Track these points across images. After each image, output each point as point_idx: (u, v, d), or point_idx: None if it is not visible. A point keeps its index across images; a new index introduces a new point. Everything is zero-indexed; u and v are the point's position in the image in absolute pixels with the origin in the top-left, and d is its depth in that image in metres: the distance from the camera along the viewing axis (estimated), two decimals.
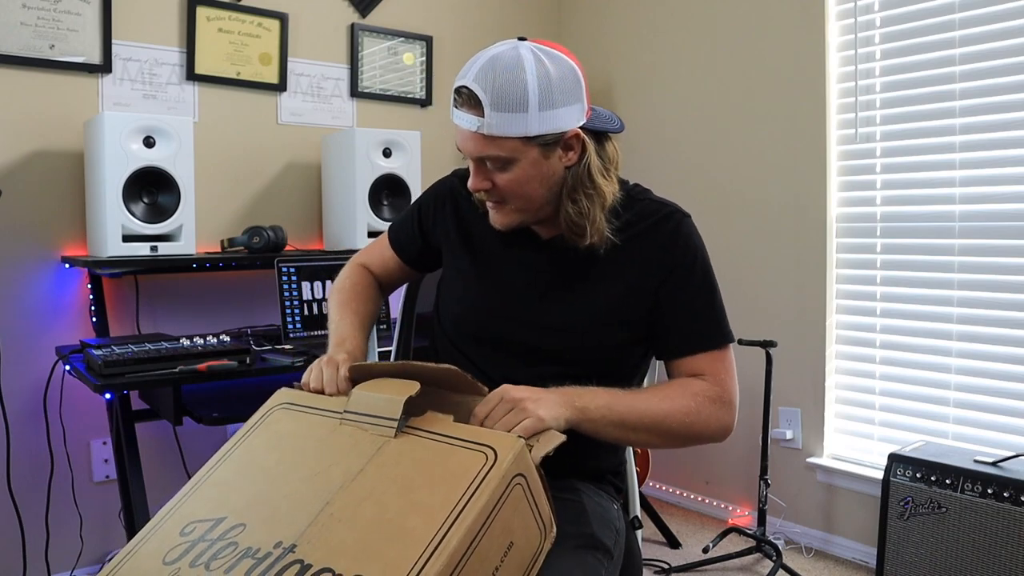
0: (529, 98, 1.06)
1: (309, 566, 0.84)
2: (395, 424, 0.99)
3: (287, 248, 2.51)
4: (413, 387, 1.02)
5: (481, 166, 1.15)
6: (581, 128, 1.14)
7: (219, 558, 0.90)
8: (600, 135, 1.19)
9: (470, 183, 1.17)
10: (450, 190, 1.36)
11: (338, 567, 0.83)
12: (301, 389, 1.17)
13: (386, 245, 1.45)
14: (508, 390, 1.03)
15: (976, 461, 2.02)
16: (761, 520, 2.54)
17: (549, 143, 1.11)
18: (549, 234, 1.24)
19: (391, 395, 1.02)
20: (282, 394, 1.17)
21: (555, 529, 0.98)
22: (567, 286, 1.23)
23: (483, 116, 1.08)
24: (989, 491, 1.94)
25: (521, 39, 1.13)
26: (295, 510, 0.93)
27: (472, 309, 1.29)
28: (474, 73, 1.08)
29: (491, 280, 1.27)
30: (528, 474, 0.93)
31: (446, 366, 1.06)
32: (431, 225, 1.37)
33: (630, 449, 1.42)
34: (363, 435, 1.01)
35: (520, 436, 0.94)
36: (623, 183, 1.25)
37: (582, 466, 1.22)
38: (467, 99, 1.09)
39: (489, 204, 1.21)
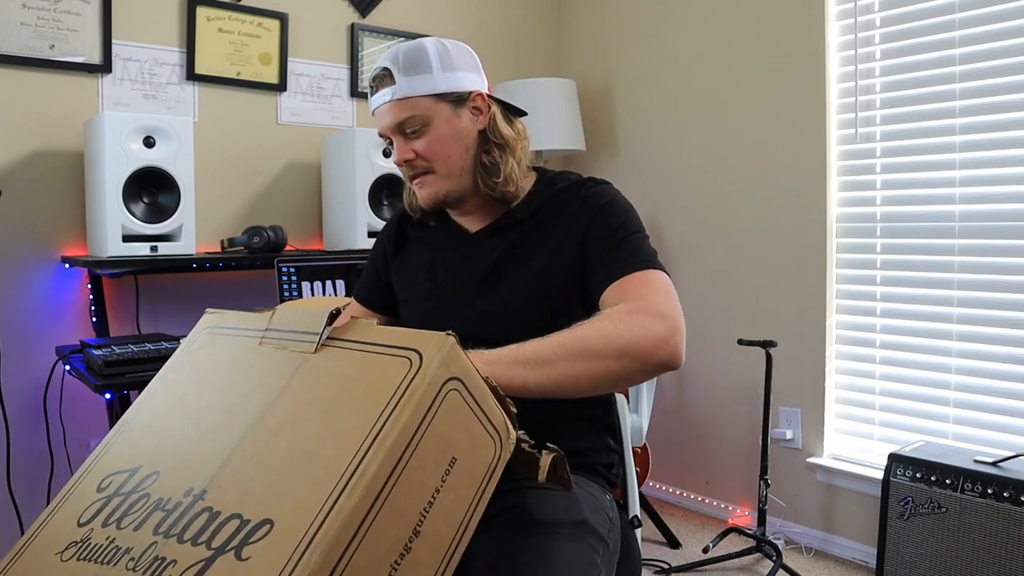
0: (431, 61, 1.23)
1: (218, 514, 0.72)
2: (316, 338, 0.84)
3: (287, 248, 2.51)
4: (343, 300, 0.89)
5: (402, 137, 1.25)
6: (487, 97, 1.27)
7: (130, 514, 0.78)
8: (510, 109, 1.32)
9: (395, 157, 1.27)
10: (389, 230, 1.45)
11: (247, 512, 0.70)
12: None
13: (353, 305, 1.46)
14: None
15: (976, 461, 2.02)
16: (761, 520, 2.54)
17: (456, 101, 1.24)
18: (477, 226, 1.31)
19: (318, 308, 0.87)
20: (207, 318, 1.01)
21: (514, 433, 0.84)
22: (500, 273, 1.27)
23: (395, 83, 1.22)
24: (989, 491, 1.94)
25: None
26: (209, 451, 0.80)
27: (421, 317, 1.33)
28: (382, 59, 1.26)
29: (431, 286, 1.33)
30: (466, 377, 0.79)
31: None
32: (383, 265, 1.44)
33: (628, 449, 1.42)
34: (283, 355, 0.86)
35: (450, 333, 0.79)
36: (543, 171, 1.34)
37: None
38: (380, 79, 1.24)
39: (416, 183, 1.28)
